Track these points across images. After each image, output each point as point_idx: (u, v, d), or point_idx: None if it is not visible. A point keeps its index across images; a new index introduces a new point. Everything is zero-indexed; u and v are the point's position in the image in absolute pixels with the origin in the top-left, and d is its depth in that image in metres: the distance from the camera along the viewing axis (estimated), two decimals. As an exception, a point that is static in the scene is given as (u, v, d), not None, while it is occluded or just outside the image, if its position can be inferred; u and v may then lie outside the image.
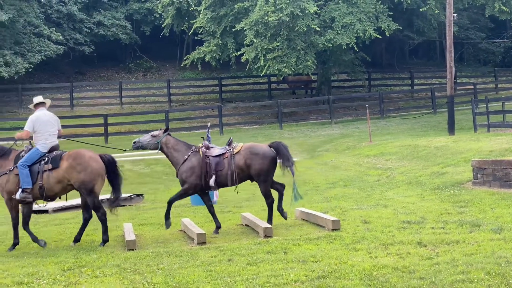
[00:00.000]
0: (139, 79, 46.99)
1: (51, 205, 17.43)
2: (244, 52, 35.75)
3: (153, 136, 13.75)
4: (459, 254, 9.61)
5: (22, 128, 12.95)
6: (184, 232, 12.86)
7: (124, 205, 18.15)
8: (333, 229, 11.99)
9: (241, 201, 17.78)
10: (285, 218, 13.34)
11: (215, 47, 36.46)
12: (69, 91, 41.33)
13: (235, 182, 13.09)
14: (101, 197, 14.89)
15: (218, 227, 13.02)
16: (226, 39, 36.61)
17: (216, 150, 13.38)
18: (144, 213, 16.06)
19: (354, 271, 8.88)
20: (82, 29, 44.82)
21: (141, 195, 19.32)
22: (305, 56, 35.44)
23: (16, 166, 12.42)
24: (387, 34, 36.76)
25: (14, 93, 41.45)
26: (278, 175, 13.29)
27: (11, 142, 13.43)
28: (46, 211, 17.00)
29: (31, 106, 13.17)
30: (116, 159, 13.42)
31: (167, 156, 13.56)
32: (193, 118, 36.82)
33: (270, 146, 13.29)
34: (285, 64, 34.73)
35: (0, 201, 19.32)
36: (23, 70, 39.28)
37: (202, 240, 11.54)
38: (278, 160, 13.14)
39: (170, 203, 13.29)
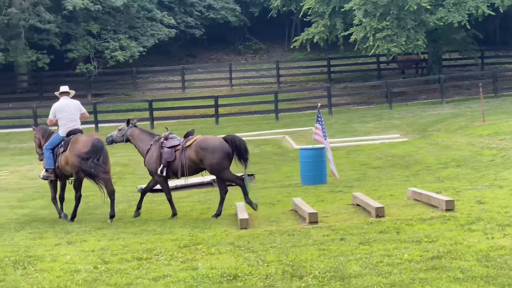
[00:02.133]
0: (248, 60, 47.28)
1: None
2: (352, 32, 35.41)
3: (119, 130, 14.57)
4: None
5: (137, 110, 14.28)
6: (295, 211, 12.87)
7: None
8: (447, 210, 11.73)
9: (352, 181, 17.67)
10: (255, 209, 13.46)
11: (323, 28, 36.28)
12: (180, 74, 42.11)
13: (186, 174, 13.55)
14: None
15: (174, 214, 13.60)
16: (334, 20, 36.36)
17: (172, 142, 13.83)
18: (256, 193, 16.11)
19: (470, 252, 8.73)
20: (193, 12, 45.44)
21: (252, 175, 19.35)
22: (415, 35, 34.76)
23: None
24: (501, 10, 35.57)
25: (129, 76, 42.60)
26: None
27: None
28: (161, 190, 17.30)
29: (56, 93, 14.52)
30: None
31: (135, 147, 14.33)
32: (302, 99, 36.75)
33: (224, 139, 13.52)
34: (394, 44, 34.21)
35: (124, 181, 20.11)
36: (137, 53, 40.41)
37: (313, 219, 11.54)
38: (234, 153, 13.47)
39: (143, 193, 14.06)
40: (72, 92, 14.63)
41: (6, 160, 26.38)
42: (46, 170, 13.90)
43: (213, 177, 18.35)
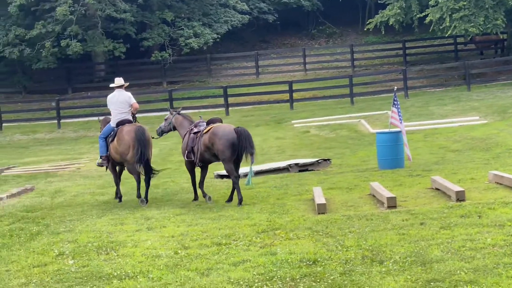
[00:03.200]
0: (322, 45, 47.00)
1: (242, 170, 17.84)
2: (428, 13, 34.80)
3: (165, 119, 15.46)
4: None
5: (211, 96, 14.99)
6: (373, 195, 12.77)
7: (312, 170, 18.29)
8: (531, 193, 11.54)
9: (430, 165, 17.41)
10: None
11: (398, 10, 35.77)
12: (254, 59, 42.16)
13: (197, 159, 14.04)
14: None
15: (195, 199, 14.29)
16: (409, 1, 35.76)
17: (199, 129, 14.34)
18: (332, 177, 16.08)
19: (556, 236, 8.52)
20: (265, -3, 45.50)
21: (328, 159, 19.31)
22: (494, 14, 33.88)
23: None
24: None
25: (203, 62, 42.91)
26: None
27: (202, 110, 15.34)
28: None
29: (112, 85, 15.56)
30: (300, 124, 14.04)
31: (179, 133, 15.11)
32: (377, 82, 36.33)
33: (234, 130, 13.72)
34: (472, 24, 33.47)
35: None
36: (211, 40, 40.64)
37: (392, 204, 11.44)
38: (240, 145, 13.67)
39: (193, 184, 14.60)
40: (126, 84, 15.72)
41: (86, 148, 27.01)
42: (100, 157, 15.10)
43: (289, 162, 18.57)
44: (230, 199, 13.94)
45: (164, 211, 13.03)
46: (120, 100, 15.08)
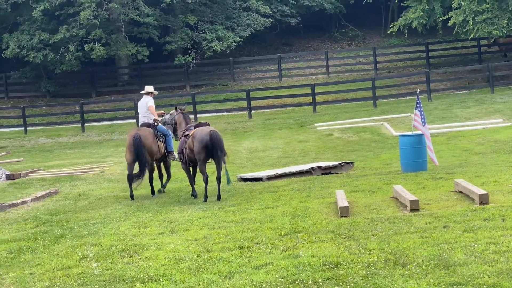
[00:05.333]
0: (345, 48, 46.87)
1: (265, 173, 17.97)
2: (451, 16, 34.59)
3: (170, 114, 16.63)
4: None
5: (234, 100, 16.81)
6: (396, 198, 12.70)
7: (335, 173, 18.26)
8: (556, 196, 11.42)
9: (454, 167, 17.30)
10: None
11: (422, 13, 35.61)
12: (277, 63, 42.13)
13: (185, 160, 15.18)
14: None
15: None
16: (433, 4, 35.58)
17: (188, 131, 15.34)
18: (355, 180, 16.00)
19: None
20: (288, 1, 45.32)
21: (351, 162, 19.26)
22: (517, 17, 33.74)
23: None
24: None
25: (226, 66, 42.98)
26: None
27: (225, 114, 16.19)
28: (260, 179, 17.46)
29: (142, 92, 17.04)
30: (323, 127, 14.20)
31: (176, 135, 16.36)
32: (400, 85, 36.22)
33: (209, 133, 14.63)
34: (495, 26, 33.20)
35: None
36: (234, 44, 40.67)
37: (415, 207, 11.37)
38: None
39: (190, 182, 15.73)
40: (155, 93, 17.08)
41: (109, 151, 27.11)
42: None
43: (312, 165, 18.58)
44: (205, 199, 14.70)
45: (187, 214, 13.06)
46: (142, 105, 16.75)
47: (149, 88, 16.88)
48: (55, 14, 39.08)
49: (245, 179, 17.79)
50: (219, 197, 14.67)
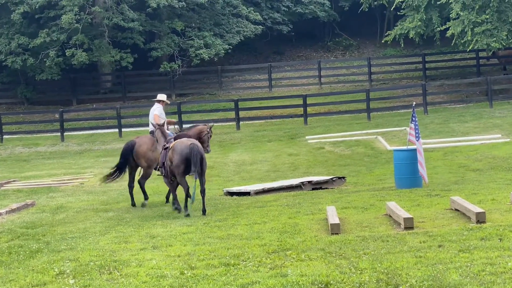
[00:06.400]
0: (338, 57, 46.63)
1: (252, 187, 18.03)
2: (449, 27, 34.53)
3: (150, 132, 17.01)
4: None
5: (222, 110, 20.11)
6: (389, 216, 12.66)
7: (326, 188, 18.21)
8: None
9: (450, 184, 17.27)
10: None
11: (419, 22, 35.44)
12: (267, 72, 41.68)
13: (167, 173, 15.15)
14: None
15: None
16: (430, 13, 35.52)
17: (169, 144, 15.45)
18: (347, 196, 15.96)
19: None
20: (280, 7, 45.00)
21: (343, 177, 19.21)
22: (517, 29, 33.64)
23: None
24: None
25: (214, 74, 42.50)
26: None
27: (211, 124, 16.96)
28: (248, 193, 17.51)
29: (153, 100, 17.99)
30: (315, 140, 14.25)
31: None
32: (395, 97, 36.03)
33: (189, 146, 14.77)
34: (494, 38, 33.15)
35: (210, 184, 20.19)
36: (223, 51, 40.08)
37: (409, 225, 11.29)
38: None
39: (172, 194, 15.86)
40: (166, 101, 17.92)
41: (90, 162, 26.82)
42: None
43: (302, 179, 18.35)
44: (185, 208, 14.84)
45: (170, 229, 12.93)
46: (150, 112, 17.49)
47: (160, 96, 17.61)
48: (35, 17, 38.32)
49: (232, 193, 17.80)
50: (204, 212, 14.55)
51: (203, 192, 14.63)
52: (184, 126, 17.91)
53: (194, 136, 17.16)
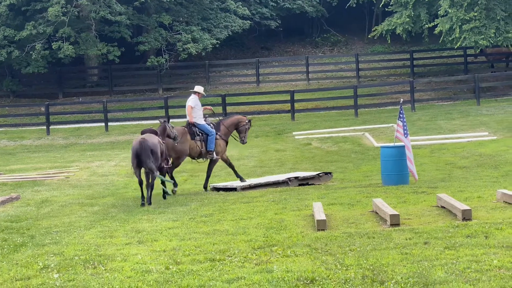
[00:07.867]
0: (326, 53, 46.58)
1: (239, 183, 17.92)
2: (437, 24, 34.58)
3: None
4: None
5: (209, 105, 20.71)
6: (376, 212, 12.61)
7: (313, 184, 18.13)
8: (541, 214, 11.37)
9: (436, 181, 17.22)
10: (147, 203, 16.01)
11: (407, 19, 35.47)
12: (255, 67, 41.65)
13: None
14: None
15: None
16: (418, 10, 35.57)
17: None
18: (334, 193, 15.89)
19: None
20: (268, 3, 44.85)
21: (330, 173, 19.13)
22: (506, 26, 33.76)
23: None
24: None
25: (201, 69, 42.40)
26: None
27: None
28: (234, 189, 17.42)
29: (191, 90, 18.31)
30: (302, 136, 14.22)
31: None
32: (383, 94, 36.08)
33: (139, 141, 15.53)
34: (482, 36, 33.26)
35: (196, 179, 20.02)
36: (210, 46, 39.94)
37: (395, 222, 11.24)
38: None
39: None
40: (201, 92, 18.14)
41: (76, 156, 26.64)
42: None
43: (289, 175, 18.30)
44: (149, 202, 15.44)
45: (156, 224, 12.85)
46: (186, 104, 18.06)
47: (197, 88, 18.08)
48: (22, 9, 38.04)
49: (218, 189, 17.73)
50: (149, 202, 15.40)
51: (148, 186, 15.47)
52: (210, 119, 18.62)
53: (230, 125, 18.43)
